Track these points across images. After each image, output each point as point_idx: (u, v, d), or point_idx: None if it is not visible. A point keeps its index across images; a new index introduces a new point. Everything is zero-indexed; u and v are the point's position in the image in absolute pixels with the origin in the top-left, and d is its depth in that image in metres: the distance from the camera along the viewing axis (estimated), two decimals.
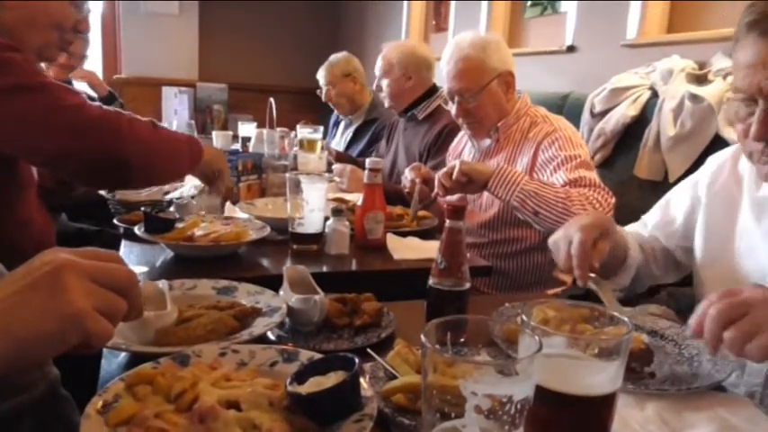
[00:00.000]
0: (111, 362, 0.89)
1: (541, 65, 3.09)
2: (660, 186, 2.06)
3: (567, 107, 2.52)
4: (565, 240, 1.03)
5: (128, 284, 0.58)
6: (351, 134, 3.32)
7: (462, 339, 0.63)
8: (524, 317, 0.64)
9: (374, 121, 3.22)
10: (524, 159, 1.79)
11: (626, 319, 0.65)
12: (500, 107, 1.88)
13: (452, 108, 1.91)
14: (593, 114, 2.35)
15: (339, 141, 3.44)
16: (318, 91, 3.34)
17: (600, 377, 0.61)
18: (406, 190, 1.93)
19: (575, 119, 2.37)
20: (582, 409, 0.62)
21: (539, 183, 1.57)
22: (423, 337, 0.55)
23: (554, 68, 3.04)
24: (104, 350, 0.90)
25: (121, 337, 0.91)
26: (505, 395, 0.50)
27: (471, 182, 1.58)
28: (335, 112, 3.50)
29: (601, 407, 0.63)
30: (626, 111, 2.19)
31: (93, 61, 4.64)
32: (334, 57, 3.33)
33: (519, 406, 0.51)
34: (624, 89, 2.25)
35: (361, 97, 3.30)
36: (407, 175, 1.93)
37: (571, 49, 2.95)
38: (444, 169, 1.61)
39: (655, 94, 2.18)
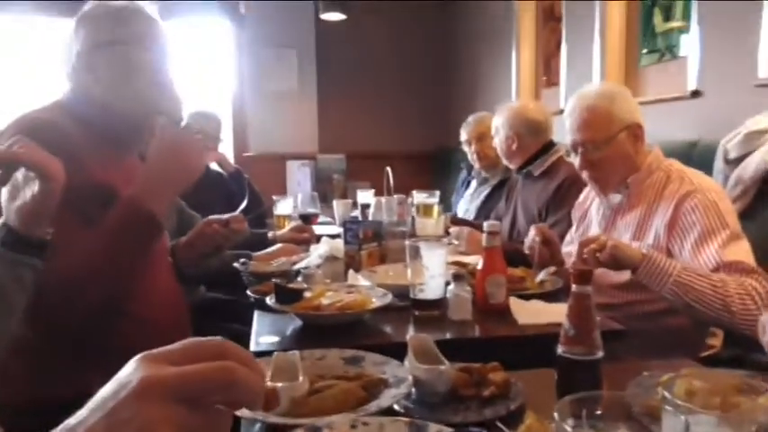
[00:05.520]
0: (249, 431, 0.94)
1: (663, 113, 2.95)
2: None
3: (697, 155, 2.38)
4: None
5: (225, 387, 0.47)
6: (487, 191, 3.26)
7: (598, 412, 0.60)
8: (666, 392, 0.60)
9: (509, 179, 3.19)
10: (660, 220, 1.68)
11: None
12: (629, 161, 1.79)
13: (576, 160, 1.84)
14: (727, 161, 2.19)
15: (469, 199, 3.40)
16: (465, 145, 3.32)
17: None
18: (527, 251, 1.89)
19: (706, 167, 2.21)
20: None
21: (693, 273, 1.47)
22: (555, 414, 0.53)
23: (677, 116, 2.89)
24: (242, 420, 0.95)
25: None
26: None
27: (617, 264, 1.52)
28: (464, 171, 3.50)
29: None
30: (765, 156, 2.02)
31: (226, 142, 5.07)
32: (478, 114, 3.35)
33: None
34: (761, 132, 2.08)
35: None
36: (530, 235, 1.89)
37: (696, 93, 2.80)
38: (591, 241, 1.52)
39: None
